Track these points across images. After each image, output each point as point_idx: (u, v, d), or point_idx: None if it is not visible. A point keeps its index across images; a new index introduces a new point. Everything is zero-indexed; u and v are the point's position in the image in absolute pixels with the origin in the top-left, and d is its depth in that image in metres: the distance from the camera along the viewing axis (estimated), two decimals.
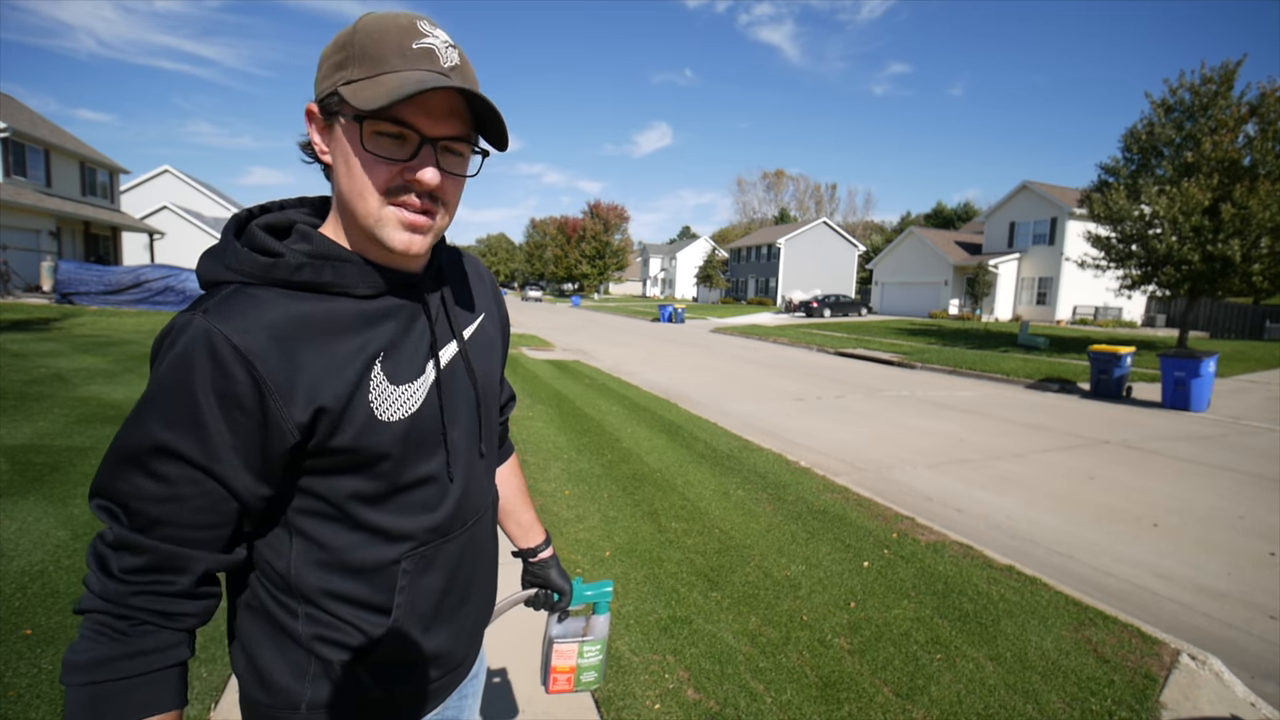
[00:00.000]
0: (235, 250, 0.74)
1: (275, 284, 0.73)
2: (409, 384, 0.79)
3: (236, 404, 0.68)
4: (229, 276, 0.73)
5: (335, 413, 0.72)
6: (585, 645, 1.13)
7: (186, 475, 0.68)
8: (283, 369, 0.69)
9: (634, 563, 3.48)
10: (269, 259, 0.73)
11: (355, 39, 0.71)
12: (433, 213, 0.75)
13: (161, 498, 0.68)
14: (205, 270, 0.76)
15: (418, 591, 0.83)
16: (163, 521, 0.68)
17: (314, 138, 0.76)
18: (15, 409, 5.81)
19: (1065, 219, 30.84)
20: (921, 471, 5.93)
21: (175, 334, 0.69)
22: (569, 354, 14.48)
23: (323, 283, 0.74)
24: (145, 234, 28.96)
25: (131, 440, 0.68)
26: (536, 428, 6.57)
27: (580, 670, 1.13)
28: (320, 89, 0.74)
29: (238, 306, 0.70)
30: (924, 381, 12.52)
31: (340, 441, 0.73)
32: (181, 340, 0.68)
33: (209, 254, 0.76)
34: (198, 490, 0.69)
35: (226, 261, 0.74)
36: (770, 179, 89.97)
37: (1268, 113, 14.70)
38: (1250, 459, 6.85)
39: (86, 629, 0.68)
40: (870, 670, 2.58)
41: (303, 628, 0.78)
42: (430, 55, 0.72)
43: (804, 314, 35.30)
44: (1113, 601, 3.43)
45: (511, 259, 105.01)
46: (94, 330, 12.43)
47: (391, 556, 0.80)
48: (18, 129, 20.73)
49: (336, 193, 0.77)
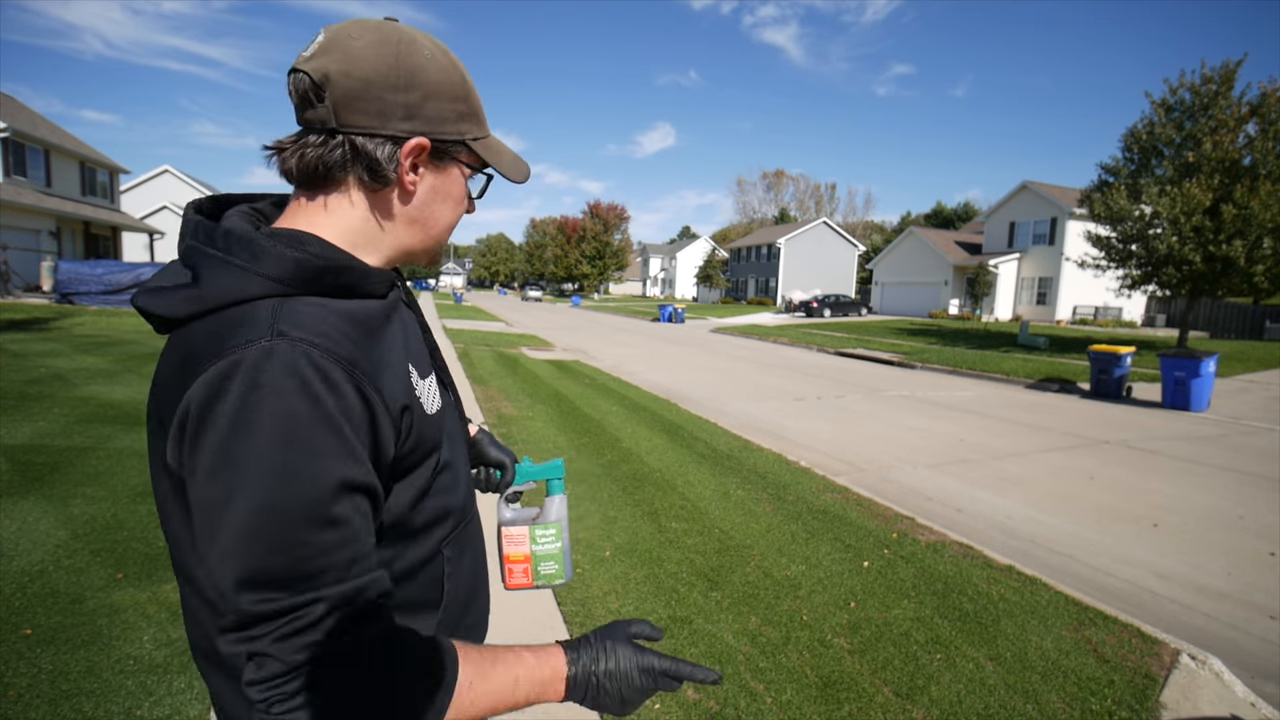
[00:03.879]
0: (275, 256, 0.66)
1: (318, 290, 0.68)
2: (429, 377, 0.81)
3: (357, 419, 0.63)
4: (269, 289, 0.65)
5: (410, 409, 0.72)
6: (537, 529, 1.06)
7: (358, 504, 0.62)
8: (374, 372, 0.67)
9: (634, 563, 3.48)
10: (317, 263, 0.68)
11: (470, 94, 0.77)
12: None
13: (350, 539, 0.60)
14: (233, 284, 0.65)
15: (459, 575, 0.85)
16: (358, 559, 0.61)
17: (405, 164, 0.73)
18: (15, 409, 5.81)
19: (1065, 219, 30.84)
20: (921, 471, 5.92)
21: (258, 369, 0.59)
22: (569, 354, 14.48)
23: (354, 285, 0.72)
24: (145, 234, 28.97)
25: (290, 496, 0.57)
26: (536, 428, 6.57)
27: (536, 560, 1.06)
28: (441, 130, 0.74)
29: (307, 319, 0.64)
30: (924, 381, 12.52)
31: (412, 440, 0.73)
32: (276, 370, 0.59)
33: (222, 267, 0.65)
34: (365, 514, 0.64)
35: (261, 270, 0.65)
36: (770, 179, 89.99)
37: (1268, 113, 14.70)
38: (1250, 459, 6.85)
39: (347, 695, 0.58)
40: (870, 670, 2.58)
41: None
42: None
43: (804, 314, 35.30)
44: (1113, 601, 3.43)
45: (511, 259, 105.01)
46: (94, 330, 12.43)
47: (434, 549, 0.81)
48: (18, 129, 20.73)
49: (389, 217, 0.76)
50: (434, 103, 0.73)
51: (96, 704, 2.12)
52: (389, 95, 0.70)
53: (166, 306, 0.66)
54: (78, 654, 2.37)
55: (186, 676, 2.28)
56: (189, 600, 0.71)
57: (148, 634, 2.52)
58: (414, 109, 0.72)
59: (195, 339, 0.64)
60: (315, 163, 0.71)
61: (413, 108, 0.72)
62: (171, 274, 0.68)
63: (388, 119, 0.71)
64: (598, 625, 2.79)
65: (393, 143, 0.72)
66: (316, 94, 0.69)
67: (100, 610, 2.67)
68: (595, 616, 2.89)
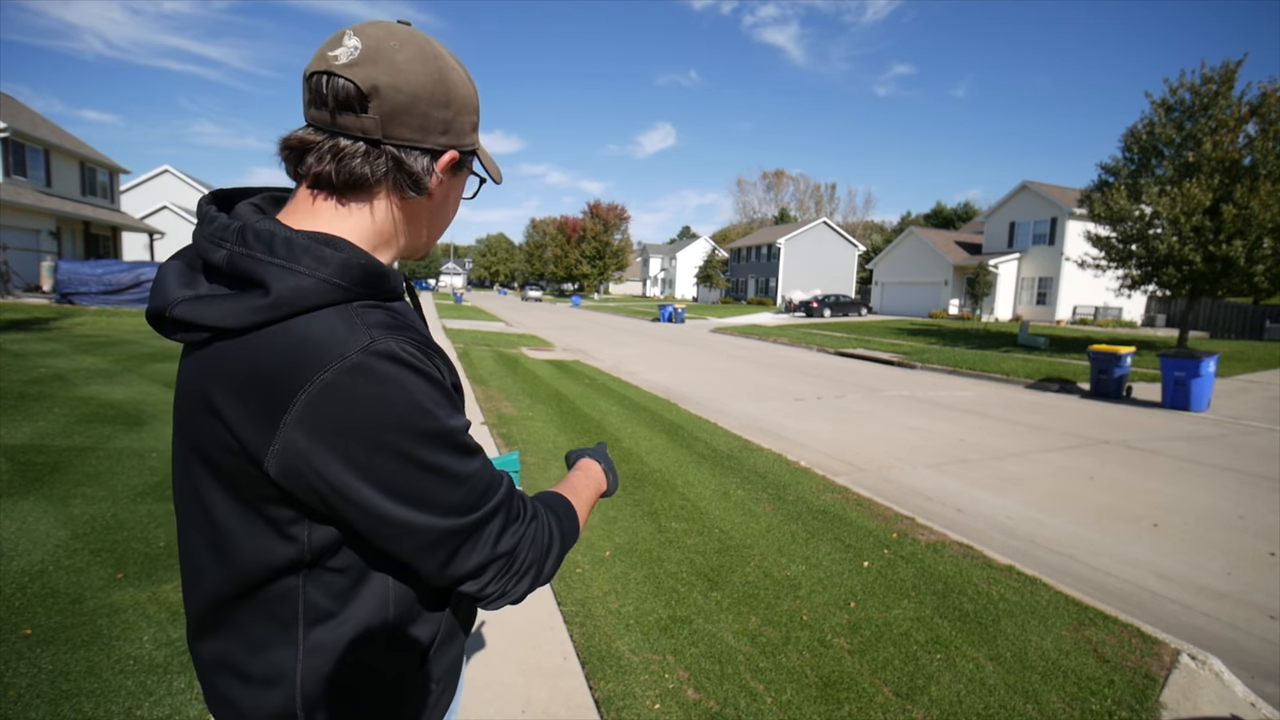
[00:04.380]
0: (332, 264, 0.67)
1: (373, 295, 0.71)
2: None
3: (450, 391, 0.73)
4: (335, 296, 0.67)
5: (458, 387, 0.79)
6: None
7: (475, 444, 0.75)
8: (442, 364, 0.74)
9: (634, 563, 3.48)
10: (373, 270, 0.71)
11: (478, 108, 0.82)
12: None
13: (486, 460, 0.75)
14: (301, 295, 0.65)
15: None
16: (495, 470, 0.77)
17: (437, 175, 0.77)
18: (15, 409, 5.81)
19: (1065, 219, 30.84)
20: (921, 471, 5.92)
21: (373, 369, 0.64)
22: (569, 354, 14.48)
23: (394, 288, 0.76)
24: (145, 234, 28.96)
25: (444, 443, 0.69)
26: (536, 428, 6.57)
27: None
28: (466, 141, 0.79)
29: (382, 320, 0.69)
30: (924, 381, 12.52)
31: None
32: (388, 367, 0.64)
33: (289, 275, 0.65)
34: None
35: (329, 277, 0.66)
36: (770, 179, 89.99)
37: (1268, 113, 14.70)
38: (1250, 459, 6.85)
39: (548, 540, 0.81)
40: (870, 670, 2.58)
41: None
42: None
43: (804, 314, 35.29)
44: (1113, 601, 3.43)
45: (511, 259, 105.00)
46: (94, 330, 12.43)
47: None
48: (18, 129, 20.73)
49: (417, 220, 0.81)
50: (463, 117, 0.78)
51: (96, 704, 2.12)
52: (433, 111, 0.74)
53: (227, 317, 0.65)
54: (78, 654, 2.37)
55: (186, 676, 2.28)
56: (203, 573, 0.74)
57: (148, 634, 2.52)
58: (449, 124, 0.76)
59: (270, 349, 0.64)
60: (360, 172, 0.72)
61: (449, 122, 0.76)
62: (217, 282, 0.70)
63: (429, 133, 0.74)
64: (598, 625, 2.80)
65: (430, 156, 0.76)
66: (362, 103, 0.69)
67: (100, 610, 2.67)
68: (595, 616, 2.89)
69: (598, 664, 2.53)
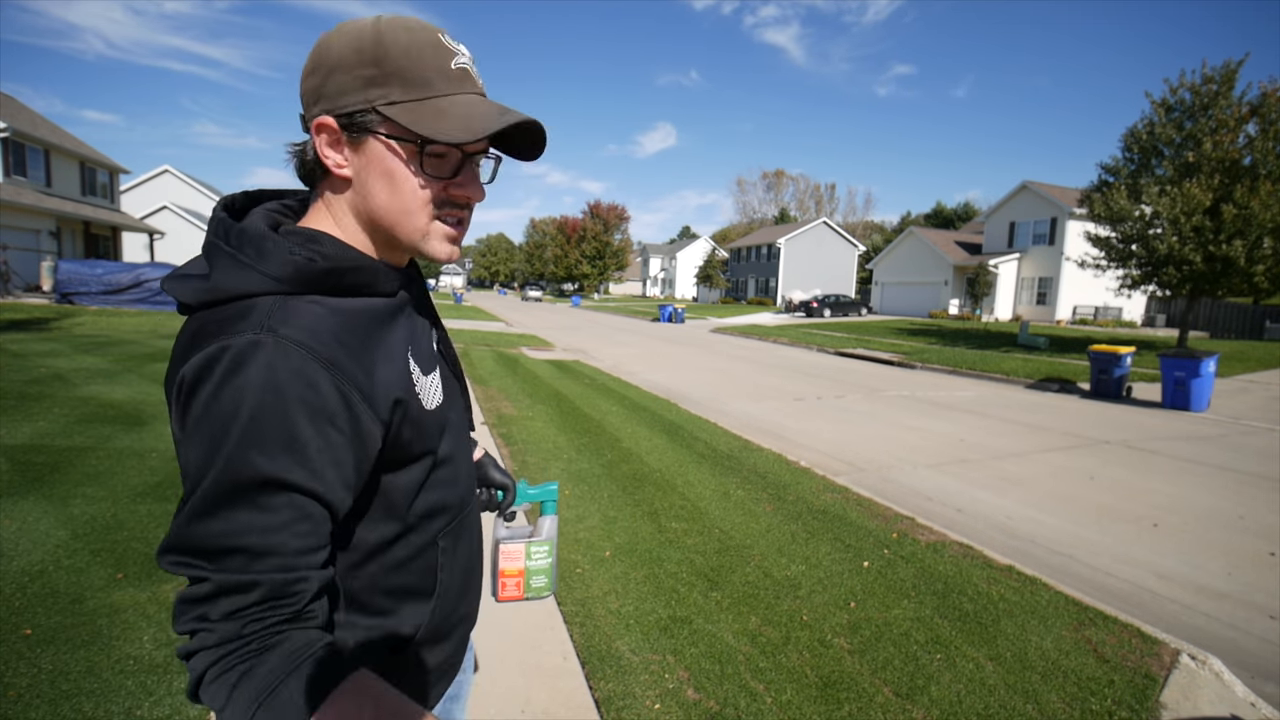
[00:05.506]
0: (278, 257, 0.69)
1: (320, 290, 0.71)
2: (433, 372, 0.83)
3: (330, 420, 0.65)
4: (269, 286, 0.68)
5: (405, 404, 0.74)
6: (533, 546, 1.12)
7: (293, 503, 0.63)
8: (361, 372, 0.68)
9: (634, 563, 3.48)
10: (320, 264, 0.70)
11: (388, 54, 0.68)
12: (466, 221, 0.80)
13: (267, 528, 0.62)
14: (236, 281, 0.68)
15: (454, 565, 0.87)
16: (270, 553, 0.62)
17: (324, 150, 0.72)
18: (15, 409, 5.81)
19: (1065, 219, 30.83)
20: (921, 471, 5.92)
21: (240, 357, 0.62)
22: (569, 354, 14.48)
23: (362, 284, 0.74)
24: (145, 234, 28.96)
25: (226, 480, 0.61)
26: (536, 428, 6.57)
27: (529, 574, 1.12)
28: (342, 102, 0.70)
29: (300, 318, 0.66)
30: (924, 381, 12.52)
31: (406, 434, 0.75)
32: (255, 363, 0.62)
33: (231, 263, 0.69)
34: (303, 514, 0.64)
35: (266, 269, 0.68)
36: (770, 179, 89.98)
37: (1269, 113, 14.69)
38: (1250, 459, 6.85)
39: (217, 669, 0.60)
40: (870, 670, 2.58)
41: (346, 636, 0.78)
42: (468, 76, 0.74)
43: (804, 314, 35.29)
44: (1113, 601, 3.43)
45: (511, 259, 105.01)
46: (94, 330, 12.42)
47: (430, 539, 0.83)
48: (18, 129, 20.73)
49: (365, 207, 0.75)
50: (336, 77, 0.69)
51: (96, 704, 2.12)
52: (305, 83, 0.72)
53: (184, 293, 0.70)
54: (78, 654, 2.37)
55: (187, 676, 2.28)
56: None
57: (148, 634, 2.52)
58: (320, 90, 0.71)
59: (202, 324, 0.67)
60: (300, 169, 0.77)
61: (319, 89, 0.71)
62: (197, 264, 0.73)
63: (309, 108, 0.72)
64: (598, 625, 2.80)
65: (316, 131, 0.72)
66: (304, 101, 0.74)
67: (100, 610, 2.67)
68: (595, 616, 2.89)
69: (598, 664, 2.53)
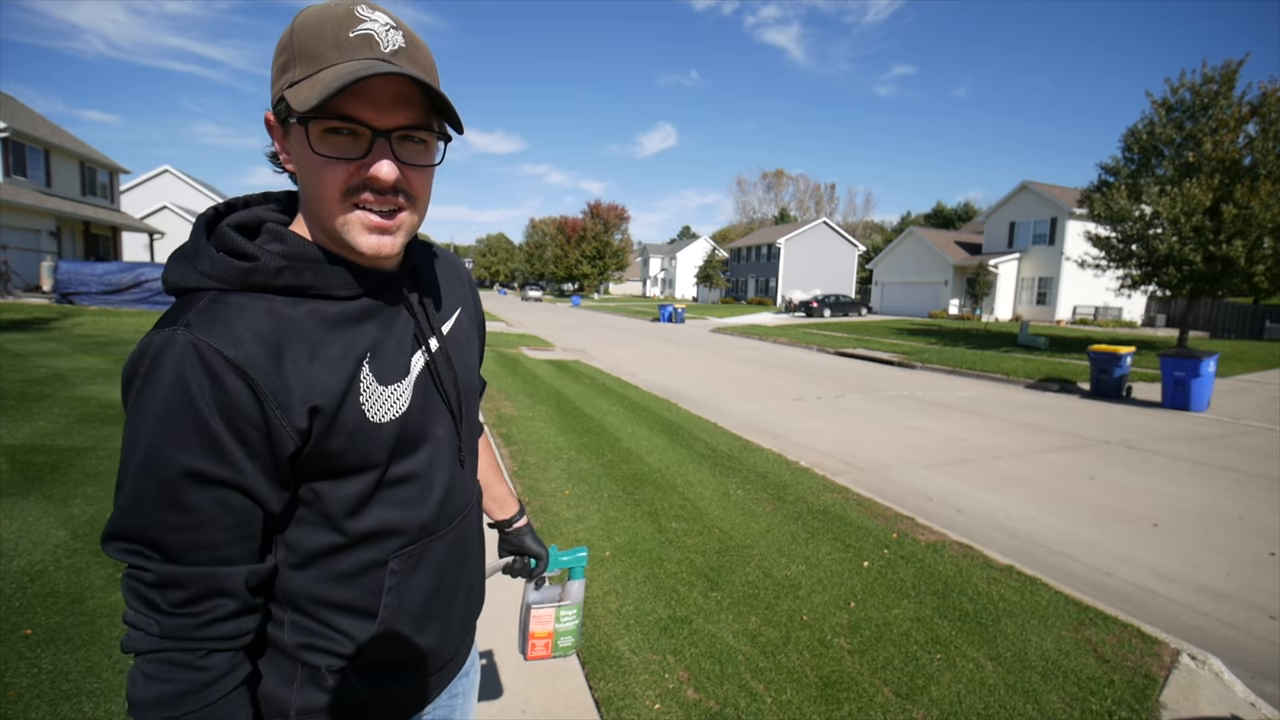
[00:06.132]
0: (209, 255, 0.71)
1: (254, 289, 0.70)
2: (396, 384, 0.78)
3: (241, 415, 0.66)
4: (204, 283, 0.70)
5: (329, 415, 0.71)
6: (562, 610, 1.16)
7: (215, 496, 0.66)
8: (276, 375, 0.68)
9: (634, 563, 3.48)
10: (247, 263, 0.70)
11: (294, 38, 0.69)
12: (399, 209, 0.73)
13: (193, 524, 0.66)
14: (176, 276, 0.71)
15: (407, 591, 0.82)
16: (198, 546, 0.67)
17: (278, 147, 0.75)
18: (15, 409, 5.81)
19: (1065, 219, 30.83)
20: (921, 471, 5.92)
21: (157, 353, 0.65)
22: (569, 354, 14.48)
23: (302, 285, 0.72)
24: (145, 234, 28.96)
25: (148, 474, 0.65)
26: (536, 428, 6.57)
27: (557, 635, 1.17)
28: (273, 95, 0.72)
29: (220, 316, 0.67)
30: (924, 381, 12.52)
31: (335, 444, 0.72)
32: (167, 360, 0.65)
33: (179, 257, 0.72)
34: (227, 508, 0.68)
35: (200, 266, 0.70)
36: (770, 179, 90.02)
37: (1269, 113, 14.68)
38: (1250, 459, 6.85)
39: (149, 667, 0.67)
40: (870, 670, 2.58)
41: (289, 636, 0.77)
42: (369, 41, 0.68)
43: (804, 314, 35.28)
44: (1113, 601, 3.43)
45: (511, 259, 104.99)
46: (94, 330, 12.43)
47: (378, 558, 0.79)
48: (18, 129, 20.73)
49: (302, 199, 0.76)
50: (272, 72, 0.73)
51: (96, 704, 2.12)
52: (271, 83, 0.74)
53: (162, 284, 0.76)
54: (78, 654, 2.37)
55: None
56: None
57: None
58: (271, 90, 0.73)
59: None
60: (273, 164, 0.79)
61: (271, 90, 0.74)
62: None
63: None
64: (598, 625, 2.80)
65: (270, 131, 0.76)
66: None
67: (100, 610, 2.67)
68: (595, 616, 2.89)
69: (598, 664, 2.53)
